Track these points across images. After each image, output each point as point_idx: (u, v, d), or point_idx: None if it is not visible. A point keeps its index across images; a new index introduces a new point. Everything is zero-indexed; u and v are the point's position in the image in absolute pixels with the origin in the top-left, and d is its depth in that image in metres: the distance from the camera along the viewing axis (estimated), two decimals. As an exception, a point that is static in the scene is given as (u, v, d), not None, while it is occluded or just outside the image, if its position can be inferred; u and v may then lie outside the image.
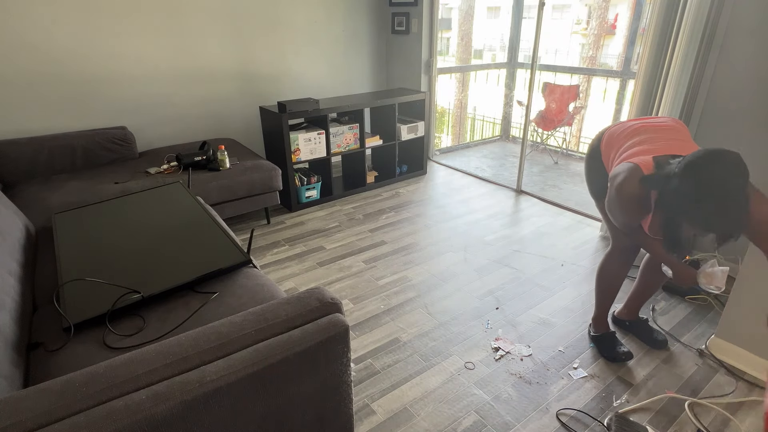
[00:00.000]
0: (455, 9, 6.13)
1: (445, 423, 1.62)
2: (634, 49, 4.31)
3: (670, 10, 2.33)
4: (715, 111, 2.36)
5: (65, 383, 0.92)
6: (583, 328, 2.10)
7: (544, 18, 3.19)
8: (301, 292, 1.26)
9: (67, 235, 1.87)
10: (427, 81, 4.16)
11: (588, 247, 2.81)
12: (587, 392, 1.75)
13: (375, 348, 1.98)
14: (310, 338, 1.13)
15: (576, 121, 4.92)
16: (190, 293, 1.55)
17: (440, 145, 5.10)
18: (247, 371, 1.02)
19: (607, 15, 6.26)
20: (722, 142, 2.36)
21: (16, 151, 2.60)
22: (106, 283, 1.53)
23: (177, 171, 2.76)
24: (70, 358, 1.26)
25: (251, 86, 3.63)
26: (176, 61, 3.22)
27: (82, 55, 2.87)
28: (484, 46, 7.99)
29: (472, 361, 1.90)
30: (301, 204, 3.38)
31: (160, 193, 2.26)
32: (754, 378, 1.80)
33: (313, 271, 2.57)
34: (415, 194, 3.65)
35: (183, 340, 1.06)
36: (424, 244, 2.85)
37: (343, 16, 3.93)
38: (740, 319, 1.83)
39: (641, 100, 2.53)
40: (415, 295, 2.34)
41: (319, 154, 3.33)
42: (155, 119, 3.26)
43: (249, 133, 3.76)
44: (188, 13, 3.16)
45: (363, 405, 1.69)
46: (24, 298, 1.48)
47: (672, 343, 2.00)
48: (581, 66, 6.47)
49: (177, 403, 0.93)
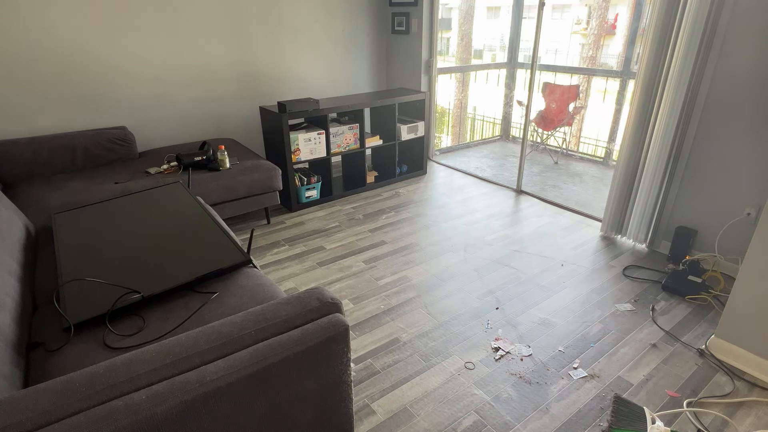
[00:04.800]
0: (455, 9, 6.13)
1: (445, 423, 1.62)
2: (634, 49, 4.31)
3: (670, 10, 2.33)
4: (715, 111, 2.36)
5: (65, 383, 0.92)
6: (583, 328, 2.10)
7: (544, 18, 3.19)
8: (301, 292, 1.26)
9: (67, 235, 1.87)
10: (427, 81, 4.16)
11: (588, 247, 2.81)
12: (587, 392, 1.75)
13: (375, 348, 1.98)
14: (310, 338, 1.13)
15: (576, 121, 4.92)
16: (190, 293, 1.55)
17: (440, 145, 5.09)
18: (247, 371, 1.02)
19: (607, 15, 6.26)
20: (722, 141, 2.36)
21: (16, 151, 2.60)
22: (106, 283, 1.53)
23: (177, 171, 2.76)
24: (70, 358, 1.26)
25: (251, 86, 3.63)
26: (176, 60, 3.22)
27: (83, 55, 2.87)
28: (484, 46, 7.98)
29: (472, 361, 1.90)
30: (301, 204, 3.38)
31: (160, 193, 2.26)
32: (754, 378, 1.80)
33: (313, 271, 2.57)
34: (415, 194, 3.65)
35: (183, 340, 1.06)
36: (424, 244, 2.85)
37: (343, 16, 3.93)
38: (740, 319, 1.83)
39: (641, 100, 2.53)
40: (415, 295, 2.34)
41: (319, 154, 3.33)
42: (155, 119, 3.26)
43: (249, 133, 3.76)
44: (188, 13, 3.16)
45: (363, 405, 1.69)
46: (24, 298, 1.48)
47: (672, 343, 2.00)
48: (581, 66, 6.47)
49: (177, 403, 0.93)
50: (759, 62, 2.16)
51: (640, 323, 2.13)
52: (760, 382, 1.78)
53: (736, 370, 1.84)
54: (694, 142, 2.47)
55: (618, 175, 2.75)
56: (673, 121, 2.44)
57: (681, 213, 2.63)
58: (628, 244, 2.84)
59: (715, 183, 2.45)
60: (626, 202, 2.80)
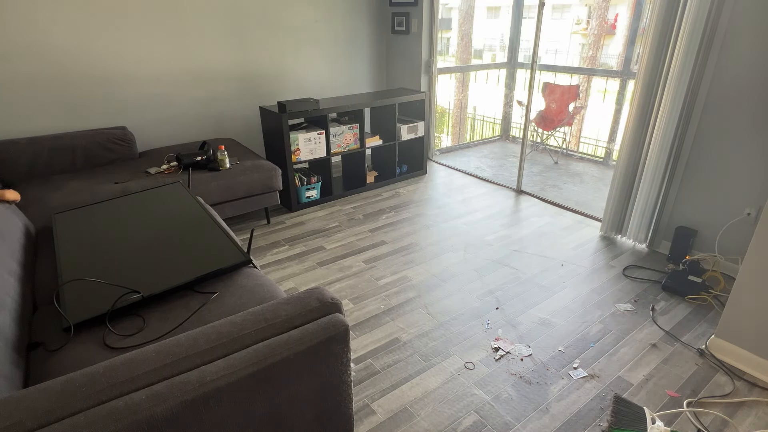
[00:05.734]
0: (455, 9, 6.12)
1: (445, 423, 1.62)
2: (634, 49, 4.31)
3: (670, 10, 2.33)
4: (715, 111, 2.36)
5: (65, 383, 0.92)
6: (583, 328, 2.10)
7: (544, 18, 3.19)
8: (301, 292, 1.26)
9: (67, 235, 1.87)
10: (427, 81, 4.16)
11: (588, 247, 2.81)
12: (587, 392, 1.75)
13: (375, 348, 1.98)
14: (310, 338, 1.13)
15: (576, 121, 4.92)
16: (190, 293, 1.55)
17: (440, 145, 5.09)
18: (247, 371, 1.02)
19: (607, 15, 6.25)
20: (722, 141, 2.36)
21: (16, 151, 2.60)
22: (106, 283, 1.53)
23: (177, 171, 2.76)
24: (70, 358, 1.26)
25: (251, 86, 3.63)
26: (176, 60, 3.22)
27: (83, 55, 2.87)
28: (484, 46, 7.98)
29: (472, 361, 1.90)
30: (301, 204, 3.38)
31: (160, 193, 2.26)
32: (754, 378, 1.80)
33: (313, 271, 2.57)
34: (415, 194, 3.65)
35: (183, 340, 1.06)
36: (424, 244, 2.85)
37: (343, 16, 3.93)
38: (740, 319, 1.83)
39: (641, 100, 2.53)
40: (415, 295, 2.34)
41: (319, 154, 3.33)
42: (155, 119, 3.26)
43: (249, 133, 3.76)
44: (189, 13, 3.16)
45: (363, 405, 1.69)
46: (24, 298, 1.48)
47: (672, 343, 2.00)
48: (581, 66, 6.47)
49: (177, 403, 0.93)
50: (759, 62, 2.16)
51: (640, 323, 2.13)
52: (760, 382, 1.78)
53: (736, 370, 1.84)
54: (694, 142, 2.47)
55: (618, 175, 2.75)
56: (673, 121, 2.44)
57: (681, 213, 2.62)
58: (628, 244, 2.84)
59: (715, 183, 2.45)
60: (626, 202, 2.80)
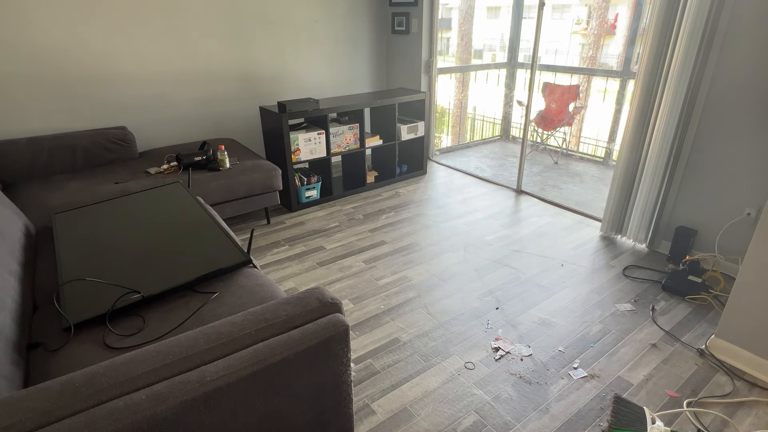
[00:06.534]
0: (455, 9, 6.12)
1: (445, 423, 1.62)
2: (634, 49, 4.31)
3: (670, 10, 2.33)
4: (715, 111, 2.36)
5: (65, 383, 0.92)
6: (583, 328, 2.10)
7: (544, 18, 3.19)
8: (301, 292, 1.26)
9: (67, 235, 1.87)
10: (427, 81, 4.16)
11: (588, 247, 2.81)
12: (587, 392, 1.75)
13: (375, 348, 1.98)
14: (310, 338, 1.13)
15: (576, 121, 4.92)
16: (190, 293, 1.55)
17: (440, 145, 5.09)
18: (247, 371, 1.02)
19: (607, 15, 6.25)
20: (722, 141, 2.36)
21: (16, 151, 2.60)
22: (106, 283, 1.53)
23: (177, 171, 2.76)
24: (70, 358, 1.26)
25: (251, 86, 3.63)
26: (176, 61, 3.22)
27: (83, 56, 2.87)
28: (484, 46, 7.98)
29: (472, 361, 1.90)
30: (301, 204, 3.38)
31: (160, 193, 2.26)
32: (754, 378, 1.80)
33: (313, 271, 2.57)
34: (415, 194, 3.65)
35: (183, 340, 1.06)
36: (424, 244, 2.85)
37: (343, 16, 3.93)
38: (740, 319, 1.83)
39: (641, 100, 2.53)
40: (415, 295, 2.34)
41: (319, 154, 3.33)
42: (155, 119, 3.26)
43: (249, 133, 3.76)
44: (188, 12, 3.16)
45: (363, 405, 1.69)
46: (24, 298, 1.48)
47: (672, 343, 2.00)
48: (581, 66, 6.46)
49: (177, 403, 0.93)
50: (759, 62, 2.16)
51: (640, 323, 2.13)
52: (760, 382, 1.78)
53: (736, 370, 1.84)
54: (694, 142, 2.47)
55: (618, 175, 2.75)
56: (673, 121, 2.44)
57: (681, 213, 2.62)
58: (628, 244, 2.84)
59: (715, 183, 2.45)
60: (626, 202, 2.80)
